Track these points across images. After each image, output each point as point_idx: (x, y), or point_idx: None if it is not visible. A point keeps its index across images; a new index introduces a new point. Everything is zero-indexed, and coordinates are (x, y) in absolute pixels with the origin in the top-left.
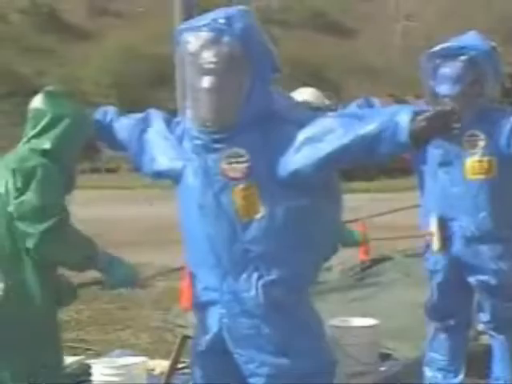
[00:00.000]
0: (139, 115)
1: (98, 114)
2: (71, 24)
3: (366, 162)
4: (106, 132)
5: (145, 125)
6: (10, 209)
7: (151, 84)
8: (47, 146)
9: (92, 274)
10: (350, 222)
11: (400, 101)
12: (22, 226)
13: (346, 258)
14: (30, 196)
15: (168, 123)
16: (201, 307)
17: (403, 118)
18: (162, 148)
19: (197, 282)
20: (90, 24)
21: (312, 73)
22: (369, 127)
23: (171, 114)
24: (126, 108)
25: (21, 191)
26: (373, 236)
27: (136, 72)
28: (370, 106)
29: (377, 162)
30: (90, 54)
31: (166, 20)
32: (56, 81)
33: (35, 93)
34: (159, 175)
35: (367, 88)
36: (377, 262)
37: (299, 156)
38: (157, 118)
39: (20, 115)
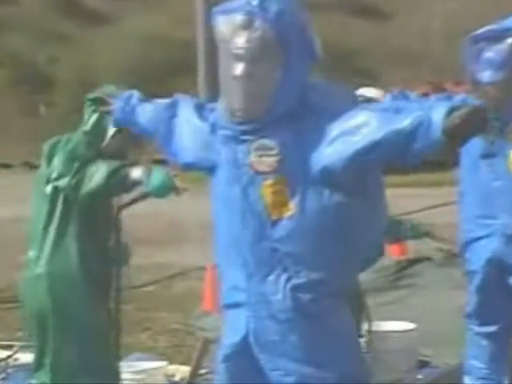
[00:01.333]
0: (166, 100)
1: (121, 98)
2: (88, 7)
3: (398, 162)
4: (130, 115)
5: (173, 111)
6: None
7: (173, 71)
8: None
9: None
10: None
11: (439, 88)
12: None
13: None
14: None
15: (200, 110)
16: (229, 308)
17: (438, 113)
18: (191, 138)
19: (225, 281)
20: (108, 7)
21: (343, 60)
22: (403, 122)
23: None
24: (147, 96)
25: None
26: None
27: (157, 58)
28: (406, 98)
29: (409, 161)
30: (107, 40)
31: (188, 3)
32: (70, 68)
33: (47, 81)
34: (190, 166)
35: (404, 75)
36: (414, 262)
37: (331, 151)
38: (186, 104)
39: (30, 104)
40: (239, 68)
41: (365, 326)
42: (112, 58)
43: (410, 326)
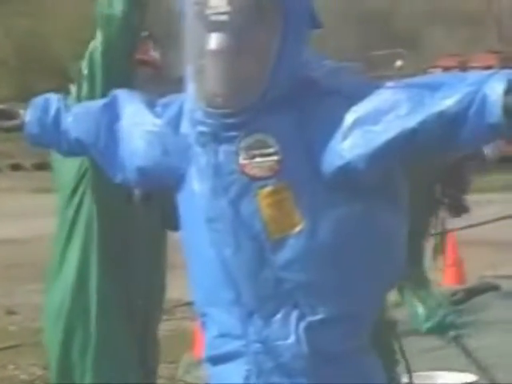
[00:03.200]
0: (101, 100)
1: (35, 107)
2: None
3: (443, 153)
4: (51, 127)
5: (113, 112)
6: None
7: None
8: None
9: None
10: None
11: (508, 59)
12: None
13: None
14: None
15: (150, 106)
16: (217, 362)
17: (495, 88)
18: (144, 140)
19: (209, 327)
20: None
21: (375, 22)
22: (446, 102)
23: (176, 85)
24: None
25: None
26: (470, 255)
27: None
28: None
29: (457, 151)
30: (63, 0)
31: None
32: (10, 36)
33: None
34: (147, 181)
35: (458, 42)
36: (474, 292)
37: (348, 144)
38: (130, 101)
39: None
40: (218, 40)
41: (403, 379)
42: (68, 23)
43: (468, 377)
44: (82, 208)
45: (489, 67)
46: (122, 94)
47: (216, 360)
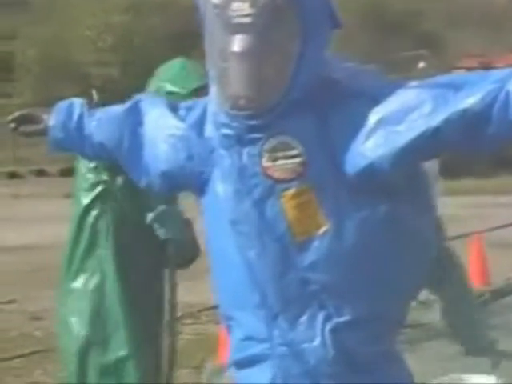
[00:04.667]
0: (124, 105)
1: (59, 112)
2: None
3: (468, 152)
4: (75, 132)
5: (137, 116)
6: None
7: (172, 46)
8: None
9: None
10: (455, 237)
11: None
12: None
13: None
14: None
15: (173, 109)
16: (243, 366)
17: None
18: (168, 144)
19: (235, 330)
20: None
21: (396, 24)
22: (469, 100)
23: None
24: (135, 81)
25: None
26: (496, 256)
27: (149, 30)
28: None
29: (483, 150)
30: (82, 7)
31: None
32: (33, 44)
33: (4, 63)
34: (171, 185)
35: (481, 42)
36: (500, 293)
37: (371, 145)
38: (153, 105)
39: None
40: (241, 42)
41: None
42: (89, 30)
43: (492, 379)
44: (102, 218)
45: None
46: (145, 99)
47: (242, 363)
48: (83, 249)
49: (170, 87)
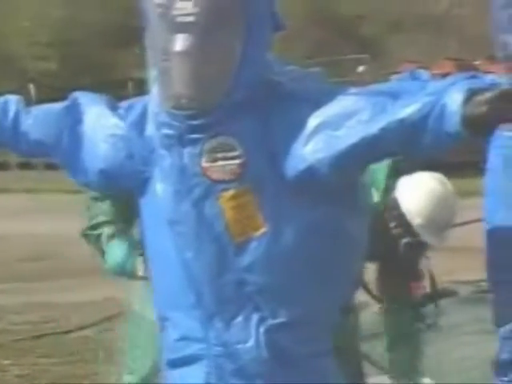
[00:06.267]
0: (63, 103)
1: None
2: None
3: (404, 158)
4: (10, 130)
5: (76, 114)
6: None
7: (111, 42)
8: None
9: None
10: None
11: (467, 66)
12: None
13: None
14: None
15: (113, 108)
16: (177, 365)
17: (454, 97)
18: (108, 143)
19: (170, 331)
20: None
21: (338, 28)
22: (407, 110)
23: (138, 85)
24: (73, 76)
25: None
26: (436, 258)
27: (89, 25)
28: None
29: (417, 158)
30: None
31: None
32: None
33: None
34: (109, 184)
35: (420, 48)
36: (432, 298)
37: (311, 148)
38: (92, 103)
39: None
40: (183, 41)
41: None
42: (26, 23)
43: (427, 381)
44: None
45: (448, 74)
46: (83, 96)
47: (176, 363)
48: None
49: None
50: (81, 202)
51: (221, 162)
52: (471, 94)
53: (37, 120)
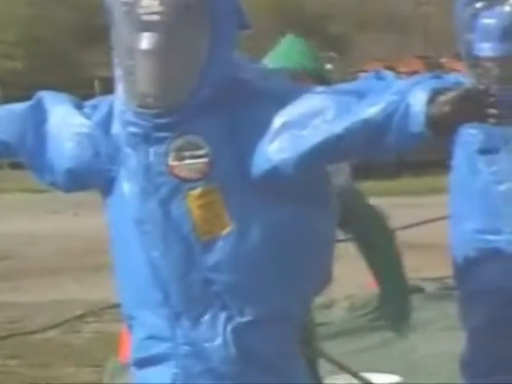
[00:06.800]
0: (27, 103)
1: None
2: None
3: (368, 158)
4: None
5: (41, 114)
6: None
7: (77, 41)
8: None
9: None
10: None
11: (433, 64)
12: None
13: (355, 289)
14: None
15: (78, 107)
16: (143, 365)
17: (418, 98)
18: (74, 142)
19: (137, 330)
20: None
21: (306, 25)
22: (371, 110)
23: (104, 84)
24: (40, 74)
25: None
26: None
27: (55, 23)
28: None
29: (383, 157)
30: None
31: None
32: None
33: None
34: (77, 182)
35: (387, 47)
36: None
37: (276, 148)
38: (57, 102)
39: None
40: (149, 40)
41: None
42: None
43: (393, 378)
44: None
45: (415, 72)
46: (48, 96)
47: (143, 363)
48: None
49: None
50: (45, 201)
51: (188, 161)
52: (435, 94)
53: (1, 120)
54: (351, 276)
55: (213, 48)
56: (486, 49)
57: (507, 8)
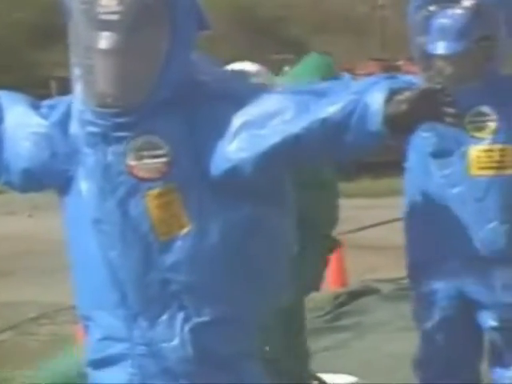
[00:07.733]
0: None
1: None
2: None
3: (327, 158)
4: None
5: None
6: None
7: (33, 40)
8: None
9: None
10: None
11: (390, 67)
12: None
13: None
14: None
15: (35, 107)
16: (99, 366)
17: (375, 97)
18: (30, 142)
19: (93, 331)
20: None
21: (263, 28)
22: (329, 109)
23: (61, 84)
24: None
25: None
26: (352, 258)
27: (11, 22)
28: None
29: (341, 158)
30: None
31: None
32: None
33: None
34: (33, 182)
35: (343, 49)
36: (356, 295)
37: (234, 148)
38: (15, 101)
39: None
40: (108, 39)
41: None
42: None
43: (350, 379)
44: None
45: (372, 75)
46: (4, 96)
47: (99, 364)
48: None
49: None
50: (0, 202)
51: (147, 161)
52: (392, 94)
53: None
54: None
55: (172, 48)
56: (439, 47)
57: (459, 10)
